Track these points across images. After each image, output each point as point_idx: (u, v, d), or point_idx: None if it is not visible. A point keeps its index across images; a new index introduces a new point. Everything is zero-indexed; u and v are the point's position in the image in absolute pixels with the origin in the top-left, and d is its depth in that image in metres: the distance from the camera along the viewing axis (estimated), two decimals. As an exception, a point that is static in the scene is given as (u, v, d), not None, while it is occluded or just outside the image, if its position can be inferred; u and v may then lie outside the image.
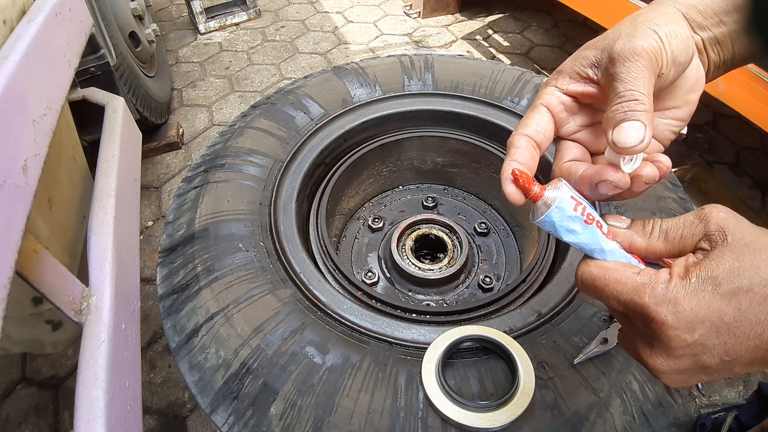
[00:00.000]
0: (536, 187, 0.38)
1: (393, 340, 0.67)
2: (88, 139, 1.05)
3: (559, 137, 0.44)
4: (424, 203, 1.16)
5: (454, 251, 1.02)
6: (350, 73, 1.09)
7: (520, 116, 1.01)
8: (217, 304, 0.69)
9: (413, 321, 0.74)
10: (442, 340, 0.64)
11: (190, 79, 2.49)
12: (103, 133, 0.93)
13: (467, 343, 0.65)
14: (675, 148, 2.02)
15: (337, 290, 0.75)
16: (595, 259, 0.38)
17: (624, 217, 0.39)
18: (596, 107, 0.42)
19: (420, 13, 2.93)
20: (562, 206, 0.37)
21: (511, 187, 0.38)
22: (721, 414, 1.17)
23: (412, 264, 0.99)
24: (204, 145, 2.10)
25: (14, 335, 0.77)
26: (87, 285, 0.68)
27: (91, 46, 1.41)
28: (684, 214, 0.36)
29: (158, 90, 2.08)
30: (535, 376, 0.60)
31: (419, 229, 1.05)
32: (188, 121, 2.24)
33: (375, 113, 1.03)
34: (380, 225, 1.11)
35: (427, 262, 1.02)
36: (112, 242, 0.74)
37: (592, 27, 2.68)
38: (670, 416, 0.60)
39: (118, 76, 1.60)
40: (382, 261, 1.04)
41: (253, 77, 2.49)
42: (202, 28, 2.79)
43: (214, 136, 0.99)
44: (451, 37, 2.79)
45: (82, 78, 1.43)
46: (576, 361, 0.63)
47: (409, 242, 1.02)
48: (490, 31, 2.82)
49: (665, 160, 0.39)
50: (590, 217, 0.37)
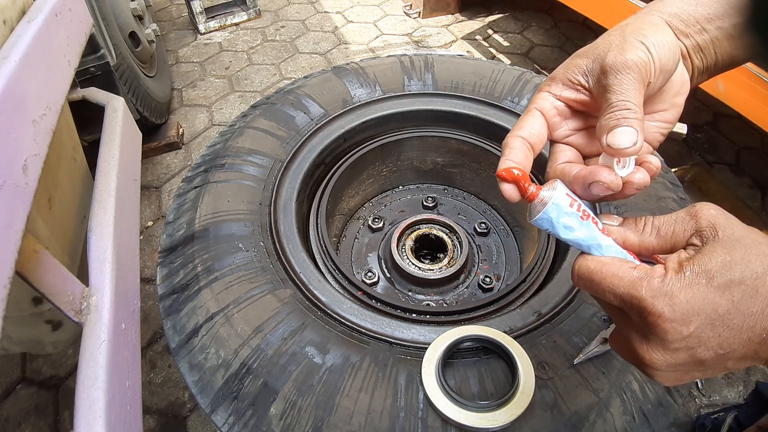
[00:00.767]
0: (532, 187, 0.39)
1: (393, 340, 0.67)
2: (88, 139, 1.05)
3: (553, 141, 0.45)
4: (424, 203, 1.16)
5: (454, 251, 1.02)
6: (350, 73, 1.09)
7: (519, 116, 1.00)
8: (217, 304, 0.69)
9: (413, 321, 0.74)
10: (442, 340, 0.64)
11: (190, 79, 2.49)
12: (103, 133, 0.93)
13: (467, 343, 0.65)
14: (675, 148, 2.02)
15: (337, 290, 0.75)
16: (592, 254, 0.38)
17: (616, 216, 0.40)
18: (588, 113, 0.44)
19: (420, 13, 2.93)
20: (559, 203, 0.37)
21: (506, 184, 0.39)
22: (721, 414, 1.17)
23: (412, 264, 0.99)
24: (204, 145, 2.10)
25: (14, 335, 0.77)
26: (87, 285, 0.68)
27: (91, 46, 1.41)
28: (675, 212, 0.37)
29: (158, 90, 2.08)
30: (535, 376, 0.60)
31: (419, 229, 1.05)
32: (188, 121, 2.24)
33: (375, 113, 1.03)
34: (380, 225, 1.11)
35: (427, 262, 1.02)
36: (112, 242, 0.74)
37: (592, 27, 2.68)
38: (670, 416, 0.60)
39: (118, 76, 1.60)
40: (382, 261, 1.04)
41: (253, 77, 2.49)
42: (202, 28, 2.80)
43: (214, 136, 0.99)
44: (451, 37, 2.79)
45: (82, 78, 1.43)
46: (576, 361, 0.63)
47: (409, 242, 1.02)
48: (490, 31, 2.82)
49: (654, 161, 0.40)
50: (586, 214, 0.38)
